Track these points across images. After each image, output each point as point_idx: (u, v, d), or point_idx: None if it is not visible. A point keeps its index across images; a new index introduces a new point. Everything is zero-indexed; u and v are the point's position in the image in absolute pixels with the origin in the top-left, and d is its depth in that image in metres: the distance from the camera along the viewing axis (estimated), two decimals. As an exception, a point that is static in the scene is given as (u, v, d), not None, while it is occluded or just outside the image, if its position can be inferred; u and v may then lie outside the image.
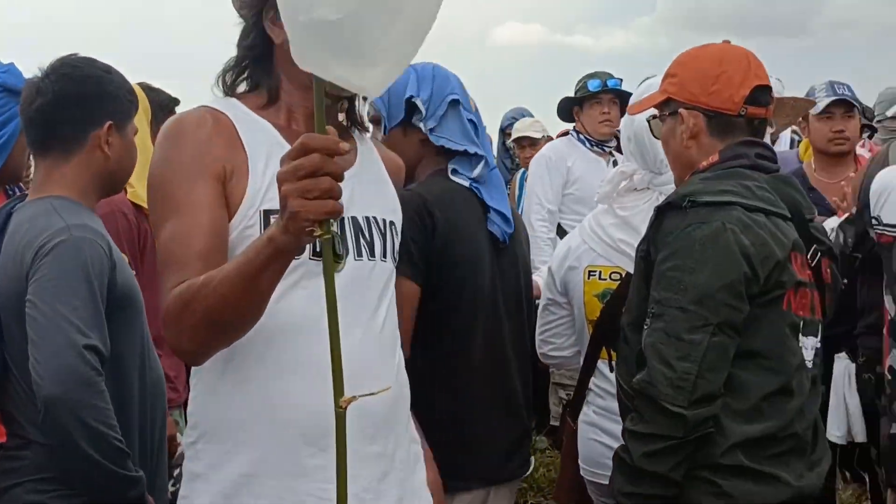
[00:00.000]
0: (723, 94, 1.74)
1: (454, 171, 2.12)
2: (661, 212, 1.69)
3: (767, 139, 3.57)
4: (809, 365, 1.73)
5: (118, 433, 1.75)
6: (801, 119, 3.78)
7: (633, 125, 2.23)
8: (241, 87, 1.62)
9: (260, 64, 1.60)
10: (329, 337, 1.17)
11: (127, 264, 2.01)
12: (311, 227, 1.17)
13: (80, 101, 1.93)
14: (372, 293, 1.56)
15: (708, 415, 1.57)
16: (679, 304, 1.59)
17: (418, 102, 2.11)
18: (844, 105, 3.55)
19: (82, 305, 1.75)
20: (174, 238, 1.44)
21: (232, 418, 1.50)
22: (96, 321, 1.77)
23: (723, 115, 1.75)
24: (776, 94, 4.02)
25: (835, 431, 2.83)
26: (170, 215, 1.46)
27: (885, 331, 2.51)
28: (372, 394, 1.20)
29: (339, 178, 1.18)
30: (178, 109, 3.08)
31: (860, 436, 2.81)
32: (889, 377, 2.45)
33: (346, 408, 1.15)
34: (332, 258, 1.19)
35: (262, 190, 1.49)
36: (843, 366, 2.90)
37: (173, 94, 3.27)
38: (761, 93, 1.77)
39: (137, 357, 1.95)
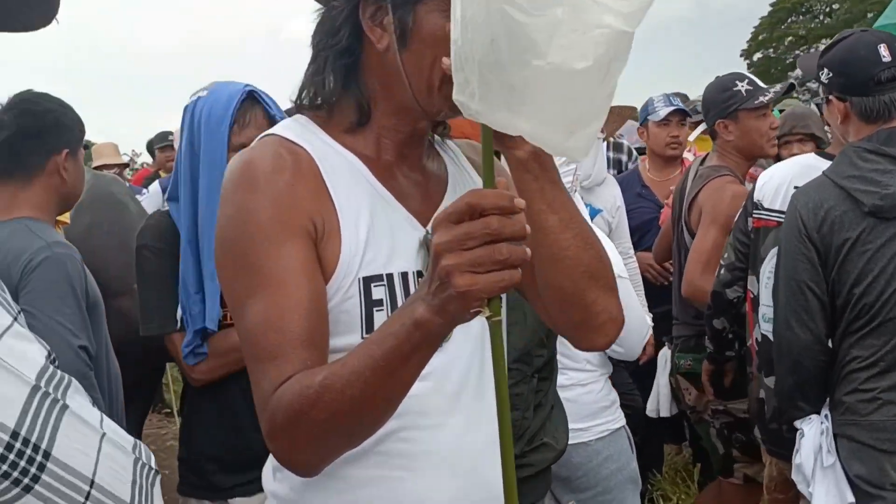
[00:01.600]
0: None
1: None
2: None
3: (603, 146, 3.93)
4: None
5: None
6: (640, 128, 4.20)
7: None
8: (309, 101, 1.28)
9: (351, 73, 1.23)
10: (500, 441, 1.00)
11: (90, 273, 2.21)
12: (479, 306, 0.93)
13: (42, 133, 2.19)
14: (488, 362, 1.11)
15: None
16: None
17: None
18: (680, 114, 4.01)
19: (71, 312, 1.98)
20: (266, 321, 1.11)
21: None
22: (83, 325, 2.00)
23: None
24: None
25: (649, 406, 3.25)
26: (255, 290, 1.13)
27: (748, 307, 2.73)
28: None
29: (521, 237, 0.91)
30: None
31: (664, 411, 3.21)
32: (756, 348, 2.65)
33: None
34: (502, 344, 0.98)
35: (359, 252, 1.18)
36: (662, 352, 3.29)
37: None
38: None
39: (104, 350, 2.18)
